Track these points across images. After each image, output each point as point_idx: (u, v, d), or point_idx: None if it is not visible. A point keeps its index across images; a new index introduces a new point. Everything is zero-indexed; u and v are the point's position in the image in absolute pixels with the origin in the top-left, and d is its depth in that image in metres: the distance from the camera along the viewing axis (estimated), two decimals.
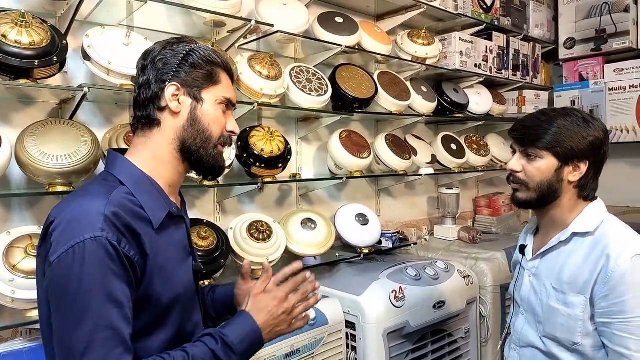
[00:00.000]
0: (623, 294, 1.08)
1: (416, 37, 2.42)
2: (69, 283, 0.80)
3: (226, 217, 1.99)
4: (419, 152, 2.49)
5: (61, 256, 0.80)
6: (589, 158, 1.18)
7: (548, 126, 1.18)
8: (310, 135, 2.28)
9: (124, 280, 0.83)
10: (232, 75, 1.05)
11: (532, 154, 1.20)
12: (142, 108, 0.97)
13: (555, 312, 1.19)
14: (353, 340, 1.79)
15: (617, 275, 1.09)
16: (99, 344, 0.79)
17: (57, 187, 1.40)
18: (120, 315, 0.82)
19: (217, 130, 1.00)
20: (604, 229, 1.18)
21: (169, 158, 0.98)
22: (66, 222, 0.83)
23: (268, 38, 1.96)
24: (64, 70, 1.51)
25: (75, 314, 0.79)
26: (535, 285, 1.27)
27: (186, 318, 0.99)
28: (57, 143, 1.40)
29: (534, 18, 3.01)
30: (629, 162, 3.03)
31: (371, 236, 2.18)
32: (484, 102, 2.78)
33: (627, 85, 2.75)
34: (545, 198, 1.21)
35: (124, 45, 1.52)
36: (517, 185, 1.25)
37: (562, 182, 1.19)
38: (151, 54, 0.98)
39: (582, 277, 1.15)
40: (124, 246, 0.83)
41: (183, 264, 0.99)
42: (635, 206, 2.99)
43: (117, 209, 0.85)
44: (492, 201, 3.02)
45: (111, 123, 1.70)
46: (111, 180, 0.93)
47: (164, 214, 0.94)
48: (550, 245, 1.24)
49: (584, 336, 1.15)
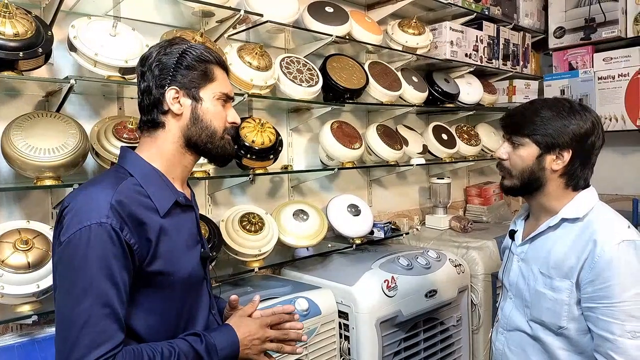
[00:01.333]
0: (609, 279, 1.09)
1: (407, 26, 2.41)
2: (74, 261, 0.88)
3: (218, 209, 1.99)
4: (410, 143, 2.49)
5: (70, 237, 0.88)
6: (573, 147, 1.18)
7: (531, 114, 1.20)
8: (302, 126, 2.27)
9: (123, 264, 0.90)
10: (226, 68, 1.10)
11: (515, 142, 1.22)
12: (146, 113, 1.04)
13: (542, 296, 1.20)
14: (346, 330, 1.80)
15: (603, 260, 1.10)
16: (97, 319, 0.86)
17: (45, 180, 1.38)
18: (117, 296, 0.89)
19: (220, 124, 1.06)
20: (593, 215, 1.18)
21: (175, 154, 1.05)
22: (77, 207, 0.92)
23: (257, 28, 1.94)
24: (50, 61, 1.48)
25: (77, 289, 0.87)
26: (523, 270, 1.28)
27: (190, 300, 1.05)
28: (45, 136, 1.38)
29: (523, 7, 3.01)
30: (617, 151, 3.06)
31: (363, 226, 2.19)
32: (475, 92, 2.79)
33: (615, 74, 2.77)
34: (529, 185, 1.22)
35: (110, 36, 1.50)
36: (502, 172, 1.28)
37: (545, 170, 1.20)
38: (148, 61, 1.03)
39: (569, 262, 1.16)
40: (126, 234, 0.91)
41: (190, 250, 1.05)
42: (624, 194, 3.02)
43: (123, 199, 0.93)
44: (483, 190, 3.04)
45: (99, 115, 1.68)
46: (121, 172, 1.00)
47: (171, 202, 1.01)
48: (540, 231, 1.25)
49: (570, 320, 1.16)
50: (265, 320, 1.10)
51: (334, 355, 1.76)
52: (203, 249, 1.10)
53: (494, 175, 3.33)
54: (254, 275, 1.92)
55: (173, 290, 1.00)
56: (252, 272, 1.83)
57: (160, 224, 0.97)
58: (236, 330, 1.04)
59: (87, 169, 1.60)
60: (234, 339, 1.03)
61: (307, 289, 1.78)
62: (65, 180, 1.43)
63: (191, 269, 1.04)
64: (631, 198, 2.65)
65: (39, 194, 1.55)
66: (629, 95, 2.72)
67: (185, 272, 1.01)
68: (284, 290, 1.79)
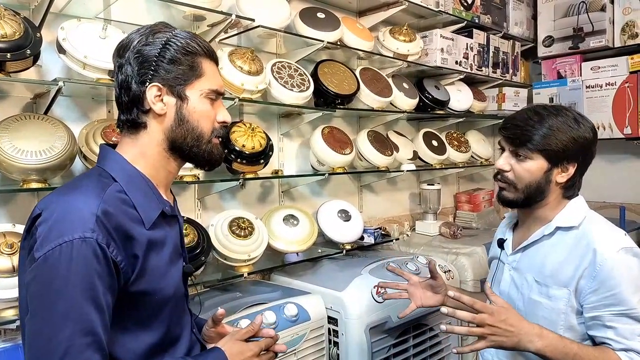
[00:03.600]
0: (613, 287, 1.09)
1: (398, 33, 2.43)
2: (53, 282, 0.76)
3: (207, 213, 1.97)
4: (400, 149, 2.50)
5: (47, 254, 0.77)
6: (578, 159, 1.18)
7: (540, 126, 1.16)
8: (292, 131, 2.27)
9: (108, 285, 0.81)
10: (215, 60, 0.99)
11: (522, 155, 1.19)
12: (125, 111, 0.93)
13: (538, 305, 1.19)
14: (335, 335, 1.79)
15: (605, 269, 1.10)
16: (79, 349, 0.76)
17: (31, 183, 1.37)
18: (101, 321, 0.79)
19: (208, 125, 0.96)
20: (587, 224, 1.18)
21: (158, 158, 0.95)
22: (55, 217, 0.79)
23: (249, 33, 1.94)
24: (38, 63, 1.47)
25: (56, 315, 0.76)
26: (515, 279, 1.26)
27: (174, 320, 0.97)
28: (32, 138, 1.36)
29: (513, 16, 3.05)
30: (605, 159, 3.10)
31: (353, 232, 2.19)
32: (465, 99, 2.81)
33: (603, 83, 2.81)
34: (532, 198, 1.21)
35: (100, 38, 1.49)
36: (504, 184, 1.23)
37: (550, 183, 1.19)
38: (126, 50, 0.92)
39: (567, 270, 1.15)
40: (112, 250, 0.81)
41: (174, 265, 0.96)
42: (611, 201, 3.06)
43: (110, 209, 0.82)
44: (473, 197, 3.06)
45: (88, 118, 1.67)
46: (104, 176, 0.89)
47: (157, 213, 0.92)
48: (533, 239, 1.24)
49: (566, 329, 1.15)
50: (259, 346, 1.02)
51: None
52: (185, 263, 1.01)
53: (483, 182, 3.35)
54: (244, 280, 1.91)
55: (158, 311, 0.91)
56: (242, 277, 1.81)
57: (147, 238, 0.88)
58: (228, 357, 0.97)
59: (74, 172, 1.58)
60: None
61: (296, 295, 1.77)
62: (52, 184, 1.42)
63: (175, 286, 0.95)
64: (618, 206, 2.68)
65: (25, 197, 1.53)
66: (616, 104, 2.76)
67: (170, 290, 0.92)
68: (273, 295, 1.78)
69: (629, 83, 2.70)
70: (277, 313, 1.61)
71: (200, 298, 1.61)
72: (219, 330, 1.11)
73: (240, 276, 1.80)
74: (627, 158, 3.01)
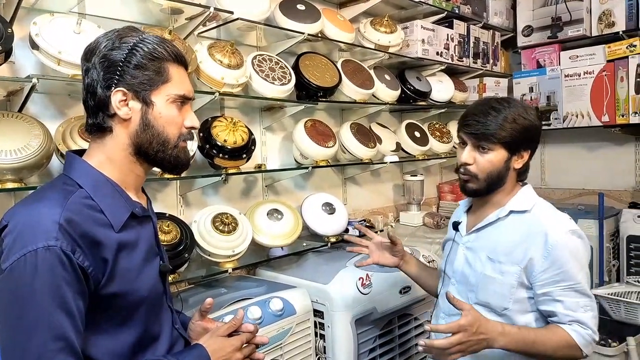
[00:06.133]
0: (562, 265, 1.23)
1: (379, 25, 2.42)
2: (20, 291, 0.78)
3: (190, 210, 1.95)
4: (383, 140, 2.51)
5: (13, 264, 0.79)
6: (531, 145, 1.31)
7: (499, 119, 1.25)
8: (275, 124, 2.26)
9: (77, 290, 0.82)
10: (185, 64, 0.99)
11: (485, 147, 1.27)
12: (92, 115, 0.94)
13: (491, 280, 1.30)
14: (321, 328, 1.80)
15: (556, 250, 1.23)
16: (51, 354, 0.78)
17: (6, 183, 1.34)
18: (72, 326, 0.81)
19: (174, 131, 0.96)
20: (538, 210, 1.31)
21: (125, 162, 0.95)
22: (19, 229, 0.81)
23: (228, 25, 1.92)
24: (11, 60, 1.43)
25: (26, 323, 0.78)
26: (469, 258, 1.37)
27: (152, 320, 0.97)
28: (6, 137, 1.33)
29: (493, 6, 3.07)
30: (584, 146, 3.15)
31: (338, 225, 2.19)
32: (446, 90, 2.82)
33: (581, 72, 2.85)
34: (493, 186, 1.31)
35: (74, 33, 1.45)
36: (467, 176, 1.32)
37: (509, 170, 1.30)
38: (93, 55, 0.92)
39: (519, 250, 1.27)
40: (79, 256, 0.82)
41: (149, 264, 0.97)
42: (590, 188, 3.12)
43: (74, 217, 0.83)
44: (455, 187, 3.09)
45: (64, 115, 1.63)
46: (69, 184, 0.90)
47: (126, 216, 0.93)
48: (488, 222, 1.35)
49: (515, 302, 1.28)
50: (240, 340, 1.03)
51: (310, 354, 1.76)
52: (162, 262, 1.02)
53: None
54: (228, 276, 1.90)
55: (133, 311, 0.92)
56: (226, 273, 1.80)
57: (117, 241, 0.88)
58: (210, 354, 0.98)
59: (52, 171, 1.55)
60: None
61: (282, 289, 1.77)
62: (29, 183, 1.39)
63: (151, 286, 0.96)
64: (597, 192, 2.74)
65: (1, 198, 1.49)
66: (594, 92, 2.80)
67: (144, 290, 0.93)
68: (259, 290, 1.78)
69: (606, 71, 2.74)
70: (263, 308, 1.61)
71: (181, 296, 1.60)
72: (205, 324, 1.11)
73: (224, 272, 1.79)
74: (605, 145, 3.06)
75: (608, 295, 2.25)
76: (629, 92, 2.64)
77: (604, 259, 2.63)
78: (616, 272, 2.73)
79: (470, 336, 1.15)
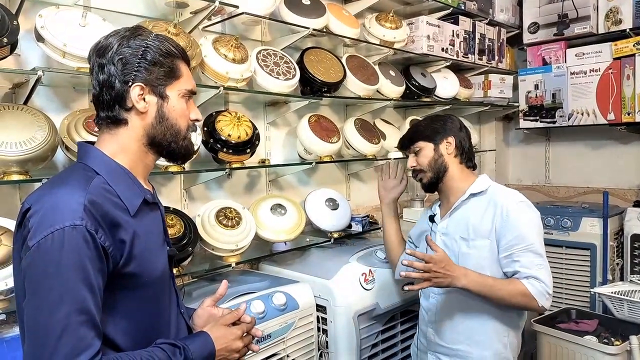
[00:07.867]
0: (517, 228, 1.48)
1: (384, 20, 2.41)
2: (47, 267, 0.83)
3: (194, 204, 1.96)
4: (387, 137, 2.50)
5: (40, 241, 0.83)
6: (453, 133, 1.62)
7: (414, 128, 1.70)
8: (279, 119, 2.26)
9: (98, 268, 0.87)
10: (188, 61, 1.07)
11: (415, 149, 1.64)
12: (106, 108, 0.98)
13: (468, 256, 1.53)
14: (324, 323, 1.81)
15: (510, 217, 1.49)
16: (75, 326, 0.82)
17: (12, 175, 1.34)
18: (94, 301, 0.86)
19: (184, 123, 1.04)
20: (493, 190, 1.59)
21: (137, 152, 1.02)
22: (46, 208, 0.86)
23: (233, 20, 1.91)
24: (17, 52, 1.43)
25: (53, 296, 0.83)
26: (446, 242, 1.60)
27: (161, 301, 1.04)
28: (12, 129, 1.33)
29: (499, 3, 3.04)
30: (589, 145, 3.14)
31: (341, 220, 2.19)
32: (451, 86, 2.81)
33: (587, 70, 2.83)
34: (439, 173, 1.61)
35: (80, 26, 1.45)
36: (418, 176, 1.66)
37: (443, 156, 1.61)
38: (108, 52, 0.97)
39: (484, 225, 1.53)
40: (100, 236, 0.87)
41: (160, 249, 1.04)
42: (595, 186, 3.10)
43: (96, 199, 0.88)
44: None
45: (69, 108, 1.63)
46: (88, 170, 0.96)
47: (140, 200, 0.98)
48: (455, 206, 1.61)
49: (492, 273, 1.50)
50: (241, 329, 1.10)
51: (312, 348, 1.76)
52: (169, 247, 1.09)
53: None
54: (232, 270, 1.90)
55: (147, 291, 0.98)
56: (230, 267, 1.81)
57: (133, 224, 0.95)
58: (214, 341, 1.03)
59: (56, 163, 1.56)
60: (211, 350, 1.02)
61: (285, 284, 1.78)
62: (34, 175, 1.39)
63: (163, 267, 1.03)
64: (602, 191, 2.72)
65: (6, 190, 1.50)
66: (600, 90, 2.78)
67: (158, 272, 1.00)
68: (262, 285, 1.78)
69: (612, 69, 2.72)
70: (266, 302, 1.61)
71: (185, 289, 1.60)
72: (212, 310, 1.18)
73: (228, 266, 1.80)
74: (611, 144, 3.05)
75: (612, 294, 2.24)
76: (635, 90, 2.62)
77: (608, 258, 2.62)
78: (620, 271, 2.72)
79: (438, 269, 1.40)
